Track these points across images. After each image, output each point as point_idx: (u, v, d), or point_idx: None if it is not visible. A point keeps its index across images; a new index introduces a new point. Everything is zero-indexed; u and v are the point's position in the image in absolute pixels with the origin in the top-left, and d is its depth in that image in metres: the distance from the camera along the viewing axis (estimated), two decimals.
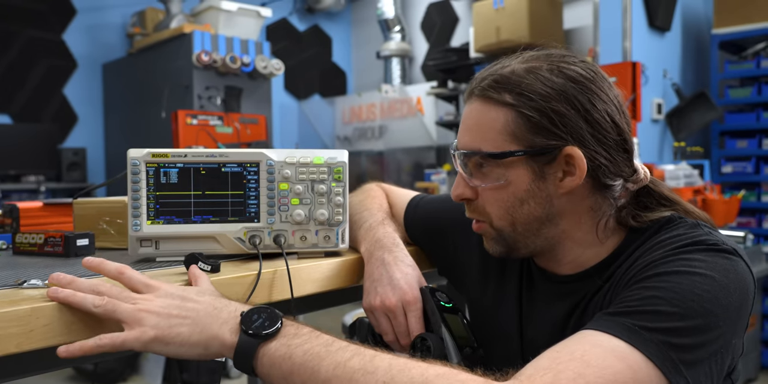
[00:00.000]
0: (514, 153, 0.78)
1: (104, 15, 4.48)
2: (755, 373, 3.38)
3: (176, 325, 0.68)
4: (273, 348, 0.66)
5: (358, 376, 0.62)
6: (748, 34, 3.85)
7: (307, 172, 0.94)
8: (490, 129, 0.80)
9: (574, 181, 0.78)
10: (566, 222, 0.82)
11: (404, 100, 4.94)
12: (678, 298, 0.66)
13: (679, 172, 3.11)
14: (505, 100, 0.78)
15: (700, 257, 0.71)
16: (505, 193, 0.81)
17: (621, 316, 0.67)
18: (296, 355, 0.65)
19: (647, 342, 0.64)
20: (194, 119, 3.61)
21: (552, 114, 0.77)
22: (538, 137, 0.77)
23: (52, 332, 0.65)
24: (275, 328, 0.67)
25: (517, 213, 0.81)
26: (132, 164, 0.90)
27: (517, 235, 0.83)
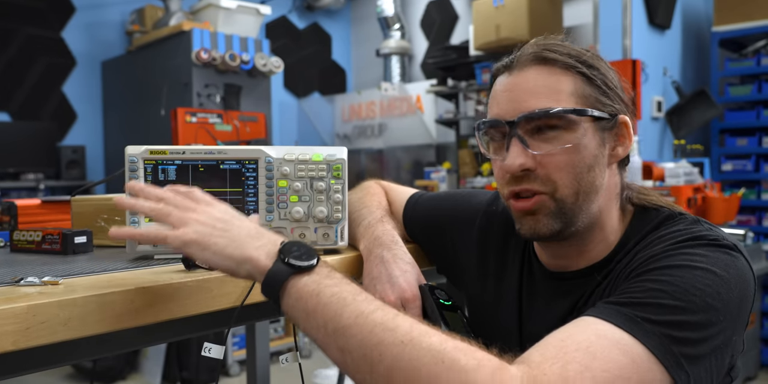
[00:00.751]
0: (589, 112, 0.78)
1: (103, 12, 4.47)
2: (755, 372, 3.38)
3: (216, 235, 0.70)
4: (303, 282, 0.67)
5: (378, 329, 0.61)
6: (749, 31, 3.84)
7: (306, 169, 0.94)
8: (559, 90, 0.79)
9: (623, 151, 0.81)
10: (603, 197, 0.82)
11: (404, 98, 4.93)
12: (680, 291, 0.66)
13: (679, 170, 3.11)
14: (571, 63, 0.79)
15: (701, 252, 0.71)
16: (575, 157, 0.78)
17: (623, 306, 0.66)
18: (324, 295, 0.65)
19: (650, 334, 0.63)
20: (193, 117, 3.61)
21: (609, 81, 0.80)
22: (605, 102, 0.79)
23: (48, 330, 0.65)
24: (311, 263, 0.67)
25: (584, 180, 0.79)
26: (130, 161, 0.89)
27: (576, 208, 0.79)
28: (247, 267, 0.69)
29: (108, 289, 0.71)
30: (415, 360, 0.59)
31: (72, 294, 0.68)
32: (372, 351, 0.61)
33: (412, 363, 0.59)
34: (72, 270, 0.85)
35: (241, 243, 0.70)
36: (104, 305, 0.70)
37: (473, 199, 1.05)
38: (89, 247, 1.03)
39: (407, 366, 0.59)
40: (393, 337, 0.60)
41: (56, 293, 0.69)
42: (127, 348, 0.79)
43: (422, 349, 0.59)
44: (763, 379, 3.42)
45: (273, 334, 3.82)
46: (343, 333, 0.63)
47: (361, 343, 0.61)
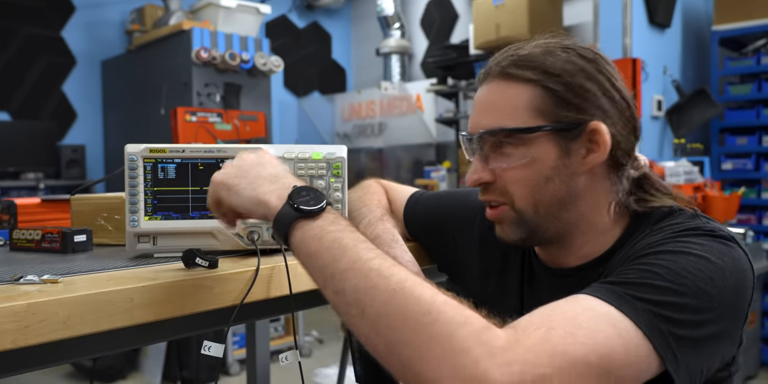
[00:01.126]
0: (541, 128, 0.78)
1: (103, 12, 4.47)
2: (755, 370, 3.38)
3: (239, 177, 0.76)
4: (307, 226, 0.69)
5: (373, 275, 0.62)
6: (749, 30, 3.84)
7: (306, 167, 0.93)
8: (514, 106, 0.79)
9: (599, 157, 0.79)
10: (584, 203, 0.81)
11: (404, 97, 4.93)
12: (672, 273, 0.66)
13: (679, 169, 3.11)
14: (529, 77, 0.79)
15: (697, 240, 0.71)
16: (530, 171, 0.80)
17: (614, 285, 0.67)
18: (325, 239, 0.67)
19: (638, 311, 0.63)
20: (193, 116, 3.60)
21: (577, 88, 0.78)
22: (565, 111, 0.78)
23: (48, 328, 0.65)
24: (317, 208, 0.69)
25: (541, 192, 0.80)
26: (129, 160, 0.89)
27: (538, 218, 0.82)
28: (262, 209, 0.73)
29: (107, 287, 0.71)
30: (402, 307, 0.59)
31: (71, 292, 0.68)
32: (364, 295, 0.61)
33: (399, 310, 0.59)
34: (71, 268, 0.85)
35: (257, 186, 0.74)
36: (103, 304, 0.70)
37: (474, 197, 1.04)
38: (89, 246, 1.03)
39: (394, 312, 0.59)
40: (386, 284, 0.61)
41: (56, 292, 0.69)
42: (126, 346, 0.79)
43: (411, 298, 0.60)
44: (763, 378, 3.42)
45: (273, 333, 3.82)
46: (339, 276, 0.64)
47: (355, 287, 0.62)
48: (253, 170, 0.76)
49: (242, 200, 0.74)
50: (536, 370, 0.56)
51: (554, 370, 0.56)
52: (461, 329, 0.57)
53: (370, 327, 0.60)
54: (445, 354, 0.56)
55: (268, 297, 0.87)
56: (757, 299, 3.38)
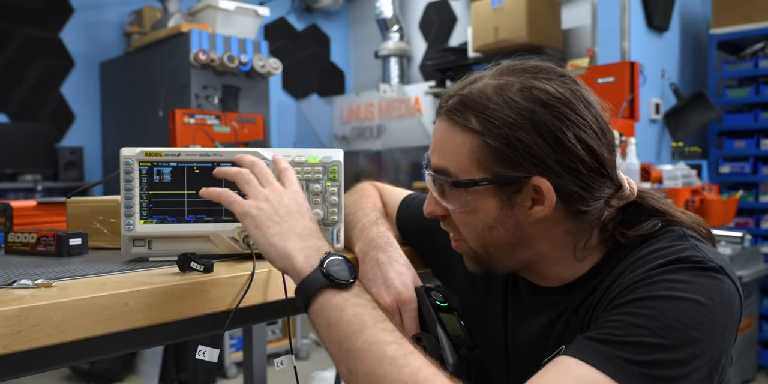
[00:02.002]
0: (478, 182, 0.75)
1: (101, 14, 4.47)
2: (752, 374, 3.38)
3: (273, 220, 0.75)
4: (332, 294, 0.69)
5: (387, 363, 0.62)
6: (747, 34, 3.85)
7: (302, 171, 0.93)
8: (457, 152, 0.77)
9: (544, 210, 0.75)
10: (542, 244, 0.79)
11: (402, 99, 4.93)
12: (663, 327, 0.64)
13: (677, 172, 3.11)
14: (470, 126, 0.75)
15: (683, 278, 0.67)
16: (473, 218, 0.79)
17: (604, 345, 0.64)
18: (347, 312, 0.67)
19: (630, 376, 0.62)
20: (192, 118, 3.60)
21: (517, 143, 0.72)
22: (504, 167, 0.74)
23: (41, 333, 0.65)
24: (349, 280, 0.70)
25: (486, 237, 0.79)
26: (125, 163, 0.89)
27: (491, 257, 0.82)
28: (285, 263, 0.73)
29: (102, 291, 0.71)
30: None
31: (65, 296, 0.68)
32: (375, 382, 0.63)
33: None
34: (66, 272, 0.84)
35: (288, 238, 0.74)
36: (98, 308, 0.69)
37: None
38: (84, 249, 1.03)
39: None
40: (398, 375, 0.62)
41: (49, 296, 0.68)
42: (121, 351, 0.79)
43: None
44: (760, 382, 3.42)
45: (270, 336, 3.81)
46: (354, 355, 0.65)
47: (366, 371, 0.63)
48: (289, 218, 0.76)
49: (266, 246, 0.74)
50: None
51: None
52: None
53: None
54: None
55: (264, 301, 0.87)
56: (754, 303, 3.38)
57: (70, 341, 0.68)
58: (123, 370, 3.45)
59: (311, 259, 0.72)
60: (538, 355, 0.81)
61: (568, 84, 0.75)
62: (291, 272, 0.73)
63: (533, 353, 0.82)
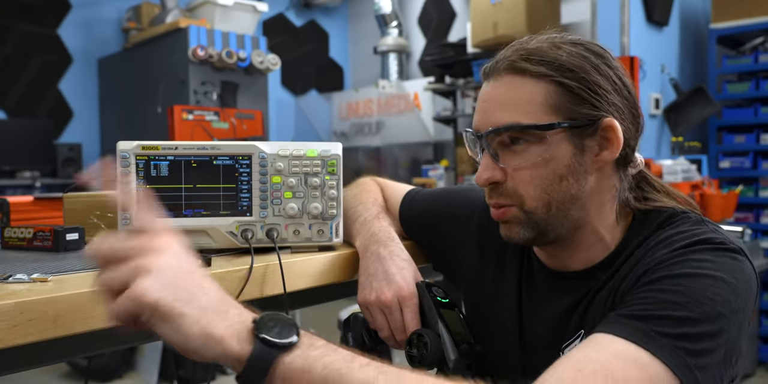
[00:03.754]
0: (559, 124, 0.76)
1: (99, 9, 4.45)
2: (752, 369, 3.38)
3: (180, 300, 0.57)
4: (288, 360, 0.57)
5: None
6: (746, 28, 3.83)
7: (300, 165, 0.92)
8: (529, 102, 0.76)
9: (611, 154, 0.78)
10: (591, 202, 0.80)
11: (401, 95, 4.92)
12: (693, 302, 0.66)
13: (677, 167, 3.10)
14: (544, 72, 0.76)
15: (708, 257, 0.70)
16: (544, 170, 0.77)
17: (637, 320, 0.66)
18: (315, 369, 0.57)
19: (665, 349, 0.63)
20: (190, 114, 3.59)
21: (591, 84, 0.76)
22: (581, 108, 0.76)
23: (36, 327, 0.64)
24: (295, 337, 0.58)
25: (554, 191, 0.78)
26: (122, 157, 0.88)
27: (549, 218, 0.79)
28: (215, 351, 0.57)
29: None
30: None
31: (61, 291, 0.67)
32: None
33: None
34: (63, 267, 0.84)
35: (208, 320, 0.57)
36: (94, 302, 0.68)
37: (471, 196, 1.03)
38: (81, 244, 1.02)
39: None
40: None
41: (45, 290, 0.68)
42: (118, 346, 0.78)
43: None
44: (760, 376, 3.42)
45: None
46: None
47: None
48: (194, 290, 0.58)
49: (185, 339, 0.56)
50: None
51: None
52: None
53: None
54: None
55: (263, 296, 0.86)
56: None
57: (67, 336, 0.67)
58: (122, 366, 3.45)
59: (244, 334, 0.58)
60: (556, 340, 0.81)
61: (601, 46, 0.82)
62: (229, 360, 0.57)
63: (551, 338, 0.82)
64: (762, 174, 3.81)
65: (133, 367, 3.52)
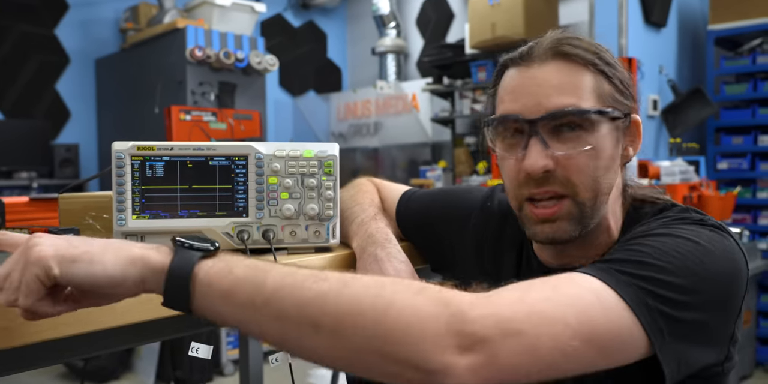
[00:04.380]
0: (613, 112, 0.76)
1: (97, 10, 4.44)
2: (750, 370, 3.38)
3: (80, 246, 0.58)
4: (210, 263, 0.58)
5: (309, 283, 0.55)
6: (744, 30, 3.84)
7: (297, 165, 0.92)
8: (583, 88, 0.75)
9: (635, 150, 0.81)
10: (609, 197, 0.80)
11: (399, 96, 4.92)
12: (659, 253, 0.65)
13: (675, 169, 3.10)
14: (591, 60, 0.77)
15: (686, 227, 0.71)
16: (594, 158, 0.75)
17: (601, 263, 0.66)
18: (238, 269, 0.57)
19: (622, 283, 0.61)
20: (188, 115, 3.59)
21: (624, 78, 0.78)
22: (622, 102, 0.78)
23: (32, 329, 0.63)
24: (215, 245, 0.60)
25: (602, 182, 0.77)
26: (117, 157, 0.88)
27: (593, 211, 0.78)
28: (136, 270, 0.58)
29: None
30: (356, 300, 0.54)
31: None
32: (311, 307, 0.54)
33: (354, 305, 0.54)
34: None
35: (118, 248, 0.59)
36: None
37: (468, 196, 1.03)
38: None
39: (352, 309, 0.54)
40: (328, 286, 0.55)
41: None
42: (115, 347, 0.78)
43: (361, 288, 0.55)
44: (758, 377, 3.42)
45: None
46: (274, 299, 0.55)
47: (297, 303, 0.55)
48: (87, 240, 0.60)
49: (103, 267, 0.57)
50: (512, 324, 0.54)
51: (530, 327, 0.54)
52: (421, 297, 0.54)
53: (331, 338, 0.54)
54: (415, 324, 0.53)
55: None
56: (751, 299, 3.37)
57: (63, 337, 0.66)
58: (119, 367, 3.44)
59: (163, 248, 0.60)
60: None
61: None
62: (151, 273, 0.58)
63: None
64: (760, 175, 3.82)
65: (130, 368, 3.51)
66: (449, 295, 0.55)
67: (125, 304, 0.71)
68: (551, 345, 0.55)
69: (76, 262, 0.57)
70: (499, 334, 0.53)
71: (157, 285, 0.58)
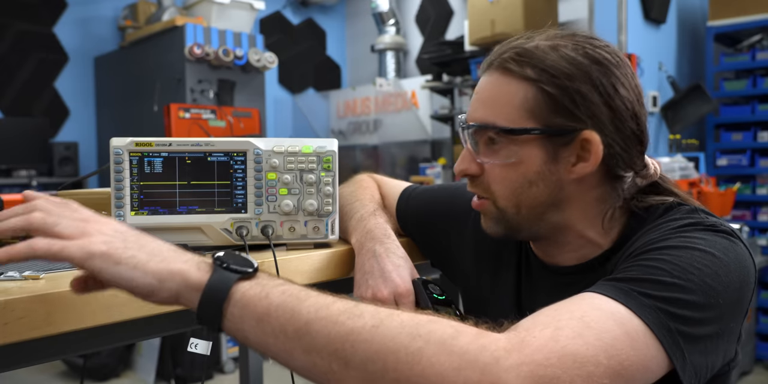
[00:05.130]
0: (530, 130, 0.75)
1: (95, 8, 4.44)
2: (750, 366, 3.38)
3: (131, 248, 0.60)
4: (247, 286, 0.59)
5: (344, 318, 0.56)
6: (744, 26, 3.83)
7: (296, 161, 0.92)
8: (507, 103, 0.76)
9: (587, 167, 0.75)
10: (572, 210, 0.79)
11: (399, 93, 4.91)
12: (678, 269, 0.64)
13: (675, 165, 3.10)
14: (527, 74, 0.75)
15: (699, 235, 0.69)
16: (514, 172, 0.77)
17: (620, 282, 0.65)
18: (273, 295, 0.58)
19: (645, 308, 0.61)
20: (187, 113, 3.58)
21: (575, 94, 0.73)
22: (558, 117, 0.74)
23: (27, 325, 0.63)
24: (253, 267, 0.61)
25: (523, 195, 0.78)
26: (115, 153, 0.87)
27: (520, 218, 0.80)
28: (173, 283, 0.59)
29: None
30: (390, 340, 0.54)
31: (53, 288, 0.67)
32: (343, 343, 0.55)
33: (387, 345, 0.54)
34: (55, 265, 0.83)
35: (164, 257, 0.60)
36: (86, 300, 0.68)
37: (468, 193, 1.03)
38: None
39: (384, 349, 0.54)
40: (362, 323, 0.55)
41: (36, 288, 0.67)
42: (111, 343, 0.77)
43: (395, 328, 0.55)
44: (758, 374, 3.42)
45: None
46: (306, 331, 0.56)
47: (328, 338, 0.55)
48: (143, 240, 0.62)
49: (142, 276, 0.59)
50: (547, 370, 0.53)
51: (564, 372, 0.54)
52: (456, 342, 0.54)
53: (361, 376, 0.54)
54: (449, 372, 0.52)
55: None
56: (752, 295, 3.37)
57: (58, 334, 0.66)
58: (120, 365, 3.44)
59: (203, 265, 0.61)
60: None
61: (616, 51, 0.78)
62: (186, 290, 0.59)
63: None
64: (759, 171, 3.81)
65: (131, 365, 3.51)
66: (485, 342, 0.55)
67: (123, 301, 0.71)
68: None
69: (119, 265, 0.59)
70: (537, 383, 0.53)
71: (191, 302, 0.60)
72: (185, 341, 3.25)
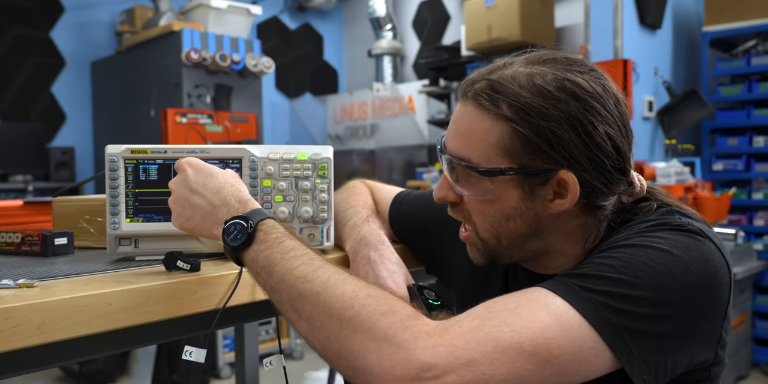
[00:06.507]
0: (505, 171, 0.73)
1: (92, 12, 4.44)
2: (746, 371, 3.38)
3: (189, 218, 0.80)
4: (245, 253, 0.75)
5: (299, 283, 0.67)
6: (739, 31, 3.85)
7: (291, 168, 0.92)
8: (482, 140, 0.74)
9: (565, 204, 0.74)
10: (553, 237, 0.79)
11: (396, 98, 4.92)
12: (627, 266, 0.65)
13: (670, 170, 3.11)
14: (502, 112, 0.72)
15: (661, 235, 0.70)
16: (491, 207, 0.77)
17: (568, 278, 0.66)
18: (259, 260, 0.73)
19: (585, 301, 0.62)
20: (183, 118, 3.58)
21: (550, 135, 0.70)
22: (533, 158, 0.72)
23: (21, 334, 0.63)
24: (244, 240, 0.74)
25: (502, 228, 0.78)
26: (110, 160, 0.88)
27: (501, 248, 0.80)
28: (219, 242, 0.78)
29: (84, 291, 0.69)
30: (327, 307, 0.64)
31: (46, 297, 0.66)
32: (296, 302, 0.67)
33: (325, 311, 0.64)
34: (50, 272, 0.83)
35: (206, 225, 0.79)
36: (80, 308, 0.68)
37: None
38: (70, 249, 1.01)
39: (322, 313, 0.64)
40: (310, 288, 0.66)
41: (30, 296, 0.67)
42: (105, 351, 0.77)
43: (334, 296, 0.64)
44: (754, 378, 3.42)
45: (264, 336, 3.79)
46: (276, 289, 0.70)
47: (288, 297, 0.68)
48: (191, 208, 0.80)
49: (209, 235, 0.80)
50: (464, 353, 0.57)
51: (482, 356, 0.57)
52: (384, 318, 0.60)
53: (306, 328, 0.66)
54: (369, 343, 0.59)
55: (253, 300, 0.85)
56: (747, 299, 3.38)
57: (52, 342, 0.66)
58: (116, 371, 3.43)
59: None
60: None
61: (600, 79, 0.75)
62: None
63: None
64: (755, 176, 3.82)
65: (127, 371, 3.50)
66: (411, 323, 0.60)
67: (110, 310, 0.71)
68: (505, 371, 0.58)
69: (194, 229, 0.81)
70: (450, 364, 0.57)
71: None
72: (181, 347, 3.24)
